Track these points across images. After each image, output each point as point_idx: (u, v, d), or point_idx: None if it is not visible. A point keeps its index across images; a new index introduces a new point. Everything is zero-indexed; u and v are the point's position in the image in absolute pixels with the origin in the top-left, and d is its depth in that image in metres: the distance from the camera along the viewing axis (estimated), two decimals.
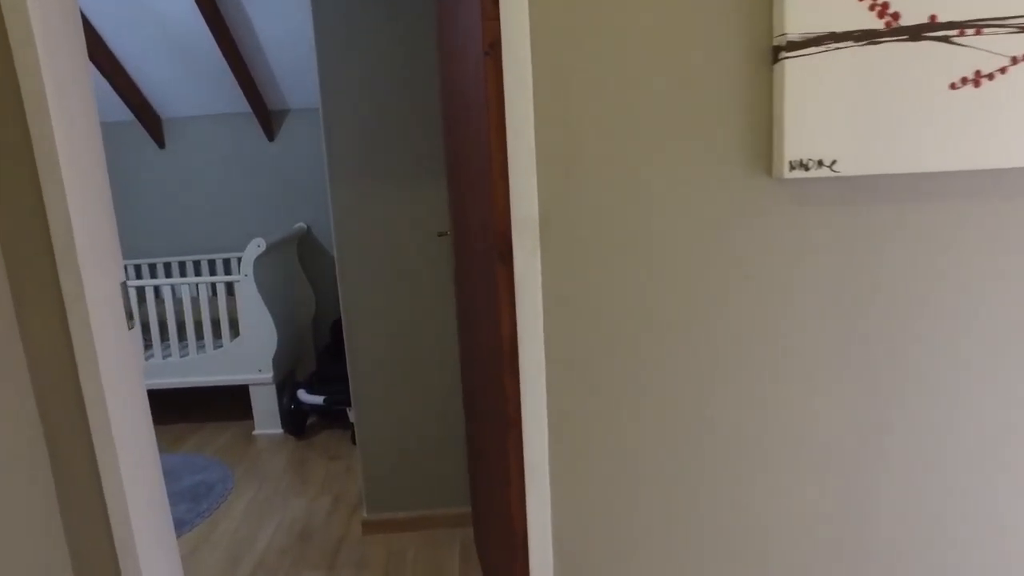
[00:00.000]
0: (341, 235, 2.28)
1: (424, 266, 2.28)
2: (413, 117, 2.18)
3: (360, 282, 2.30)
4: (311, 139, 3.82)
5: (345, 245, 2.29)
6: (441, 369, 2.33)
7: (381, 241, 2.28)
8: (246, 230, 3.94)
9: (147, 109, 3.70)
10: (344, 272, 2.30)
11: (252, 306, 3.20)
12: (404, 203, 2.25)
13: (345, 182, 2.23)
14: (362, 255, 2.29)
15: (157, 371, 3.30)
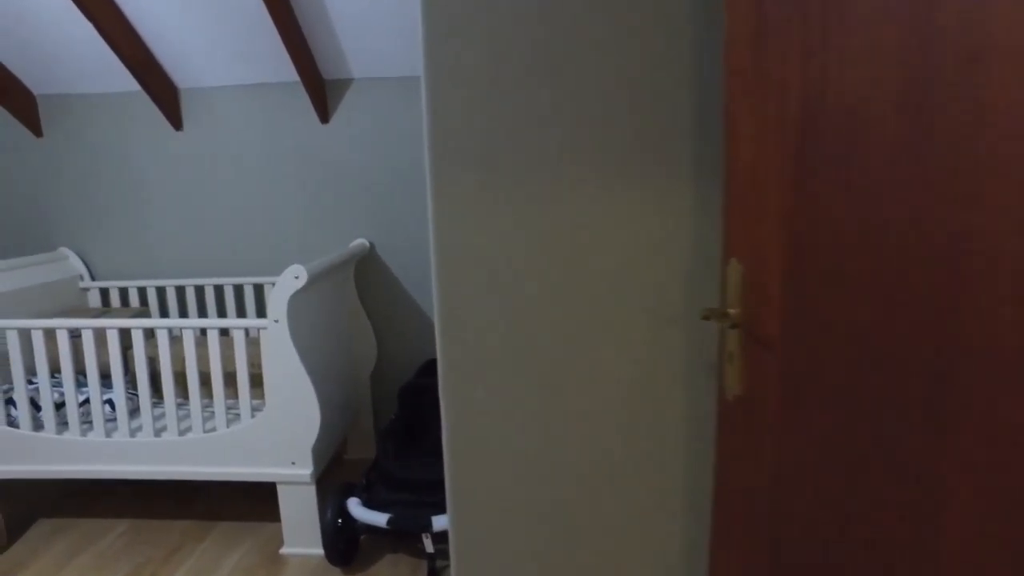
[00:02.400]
0: (446, 262, 1.12)
1: (600, 323, 1.11)
2: (589, 92, 1.02)
3: (478, 338, 1.14)
4: (382, 120, 2.70)
5: (453, 276, 1.13)
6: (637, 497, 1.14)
7: (515, 273, 1.12)
8: (283, 246, 2.85)
9: (158, 76, 2.65)
10: (450, 318, 1.15)
11: (284, 366, 2.08)
12: (562, 215, 1.08)
13: (457, 182, 1.06)
14: (483, 292, 1.13)
15: (141, 453, 2.22)
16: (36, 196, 2.94)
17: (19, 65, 2.69)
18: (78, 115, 2.83)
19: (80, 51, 2.59)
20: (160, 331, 2.15)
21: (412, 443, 2.46)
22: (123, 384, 2.21)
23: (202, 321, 2.12)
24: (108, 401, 2.35)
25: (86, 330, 2.18)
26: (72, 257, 2.91)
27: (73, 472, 2.27)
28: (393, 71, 2.64)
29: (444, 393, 1.16)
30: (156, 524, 2.48)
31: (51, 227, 2.96)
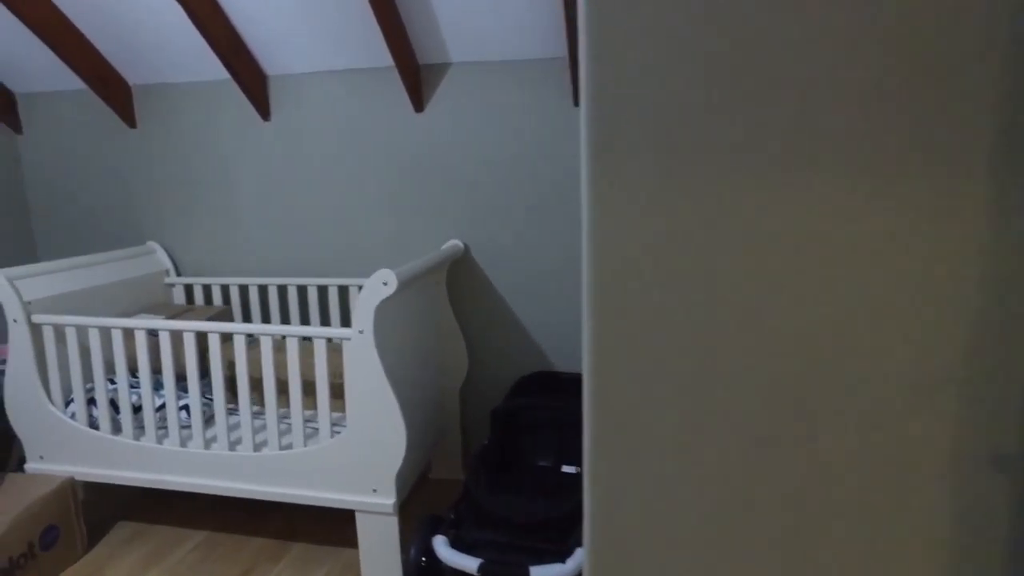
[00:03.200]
0: (604, 270, 0.82)
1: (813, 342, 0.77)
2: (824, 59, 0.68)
3: (648, 369, 0.84)
4: (482, 109, 2.44)
5: (617, 290, 0.83)
6: None
7: (705, 289, 0.80)
8: (370, 246, 2.64)
9: (247, 62, 2.49)
10: (607, 344, 0.85)
11: (367, 382, 1.85)
12: (780, 216, 0.75)
13: (626, 177, 0.76)
14: (660, 312, 0.82)
15: (215, 467, 2.05)
16: (128, 188, 2.87)
17: (116, 55, 2.61)
18: (169, 105, 2.73)
19: (172, 38, 2.47)
20: (237, 336, 1.97)
21: (506, 474, 2.18)
22: (199, 389, 2.05)
23: (282, 328, 1.92)
24: (184, 407, 2.20)
25: (163, 332, 2.03)
26: (159, 252, 2.82)
27: (148, 481, 2.14)
28: (495, 54, 2.37)
29: (594, 432, 0.86)
30: (230, 539, 2.32)
31: (141, 220, 2.88)
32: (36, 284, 2.23)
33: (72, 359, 2.15)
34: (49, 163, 2.94)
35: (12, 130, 2.93)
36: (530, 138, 2.42)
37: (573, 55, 2.16)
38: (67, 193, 2.95)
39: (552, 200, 2.44)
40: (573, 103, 2.36)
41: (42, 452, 2.25)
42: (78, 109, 2.84)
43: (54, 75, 2.74)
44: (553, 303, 2.53)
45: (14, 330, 2.15)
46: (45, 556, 2.12)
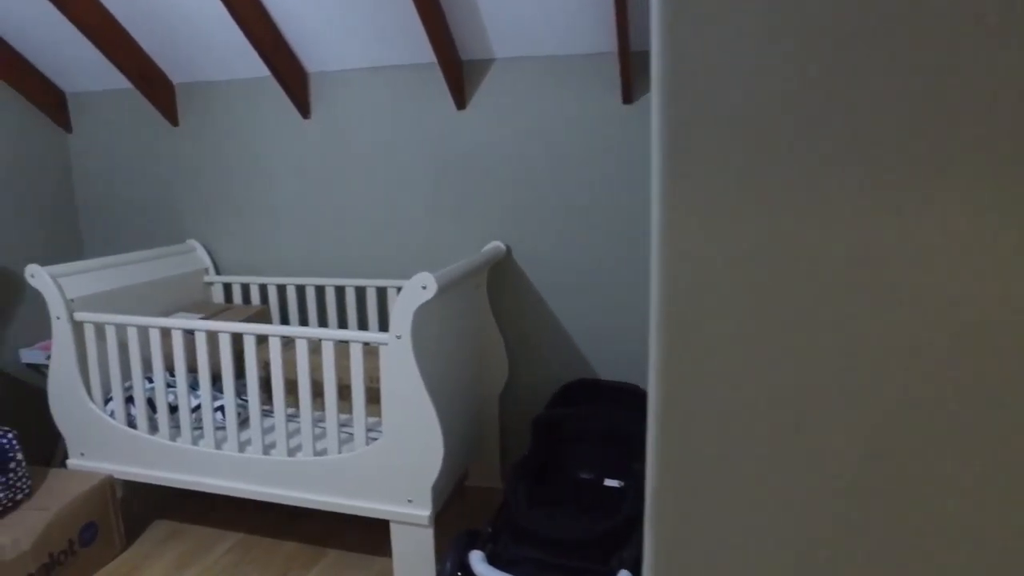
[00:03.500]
0: (678, 284, 0.71)
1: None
2: None
3: (723, 392, 0.73)
4: (526, 106, 2.35)
5: (688, 307, 0.72)
6: None
7: (794, 305, 0.69)
8: (410, 246, 2.58)
9: (287, 59, 2.46)
10: (675, 362, 0.75)
11: (405, 389, 1.78)
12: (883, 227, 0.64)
13: (714, 174, 0.65)
14: (742, 330, 0.71)
15: (249, 471, 2.01)
16: (170, 186, 2.87)
17: (161, 53, 2.61)
18: (210, 103, 2.72)
19: (214, 36, 2.45)
20: (273, 339, 1.92)
21: (547, 486, 2.09)
22: (233, 390, 2.02)
23: (318, 331, 1.87)
24: (219, 408, 2.17)
25: (199, 332, 2.00)
26: (199, 250, 2.82)
27: (183, 483, 2.12)
28: (540, 49, 2.28)
29: (661, 445, 0.77)
30: (264, 543, 2.29)
31: (182, 218, 2.88)
32: (79, 281, 2.23)
33: (111, 357, 2.15)
34: (96, 161, 2.97)
35: (63, 129, 2.96)
36: (576, 137, 2.32)
37: (623, 50, 2.05)
38: (112, 191, 2.97)
39: (599, 201, 2.34)
40: (622, 100, 2.25)
41: (83, 449, 2.25)
42: (124, 108, 2.85)
43: (102, 75, 2.76)
44: (598, 309, 2.42)
45: (57, 327, 2.15)
46: (84, 552, 2.12)
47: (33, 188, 2.86)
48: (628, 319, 2.40)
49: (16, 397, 2.79)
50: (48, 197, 2.93)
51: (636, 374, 2.45)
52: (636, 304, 2.38)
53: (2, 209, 2.73)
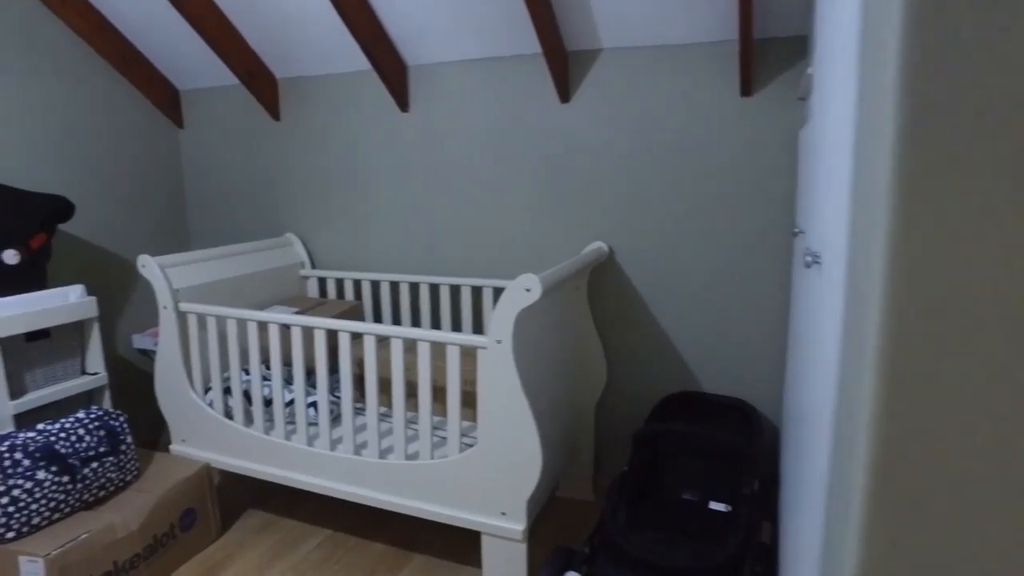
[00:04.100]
0: (913, 305, 0.57)
1: None
2: None
3: None
4: (634, 98, 2.21)
5: (927, 334, 0.57)
6: None
7: None
8: (509, 245, 2.49)
9: (388, 52, 2.42)
10: (903, 397, 0.61)
11: (503, 396, 1.69)
12: None
13: (975, 173, 0.51)
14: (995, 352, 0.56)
15: (339, 470, 1.98)
16: (270, 180, 2.91)
17: (265, 49, 2.64)
18: (311, 98, 2.73)
19: (316, 30, 2.45)
20: (368, 337, 1.88)
21: (647, 506, 1.95)
22: (327, 386, 1.99)
23: (414, 331, 1.80)
24: (312, 404, 2.16)
25: (295, 327, 1.99)
26: (296, 244, 2.84)
27: (274, 476, 2.12)
28: (651, 39, 2.13)
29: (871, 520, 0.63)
30: (351, 541, 2.27)
31: (281, 212, 2.92)
32: (184, 272, 2.27)
33: (212, 348, 2.17)
34: (203, 155, 3.06)
35: (175, 125, 3.07)
36: (688, 132, 2.16)
37: (745, 38, 1.88)
38: (216, 184, 3.05)
39: (713, 202, 2.17)
40: (740, 92, 2.07)
41: (184, 436, 2.30)
42: (230, 104, 2.92)
43: (211, 72, 2.83)
44: (705, 317, 2.25)
45: (164, 316, 2.20)
46: (184, 537, 2.16)
47: (147, 181, 2.97)
48: (738, 330, 2.22)
49: (127, 381, 2.91)
50: (160, 190, 3.04)
51: (743, 389, 2.26)
52: (749, 314, 2.19)
53: (119, 200, 2.85)
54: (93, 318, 2.31)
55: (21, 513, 1.81)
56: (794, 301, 1.86)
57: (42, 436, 1.90)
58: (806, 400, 1.21)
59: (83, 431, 1.99)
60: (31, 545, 1.79)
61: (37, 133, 2.52)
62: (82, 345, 2.35)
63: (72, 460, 1.92)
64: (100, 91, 2.73)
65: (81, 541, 1.83)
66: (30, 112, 2.49)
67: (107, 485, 2.03)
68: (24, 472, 1.81)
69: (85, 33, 2.61)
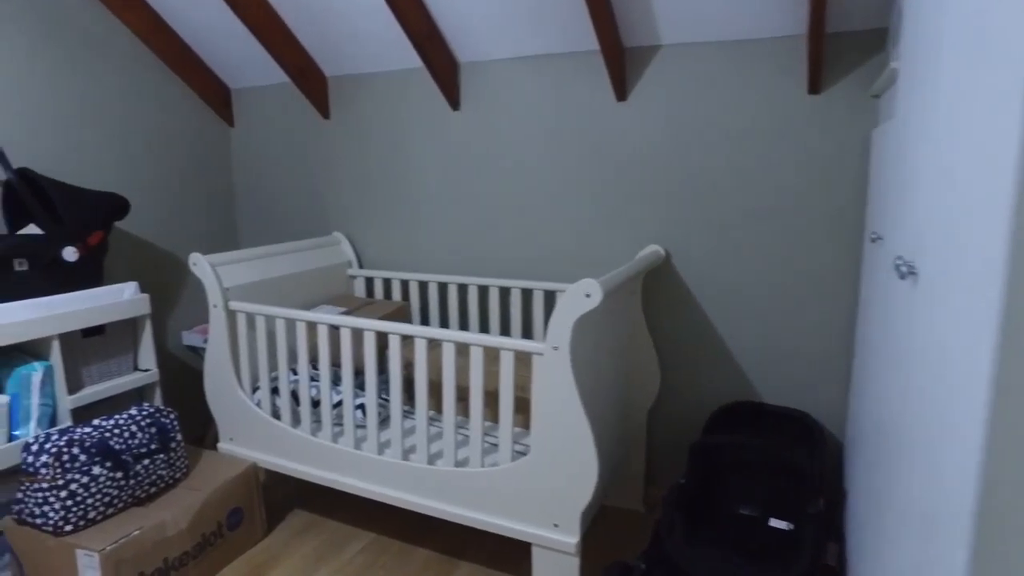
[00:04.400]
0: None
1: None
2: None
3: None
4: (693, 97, 2.13)
5: None
6: None
7: None
8: (562, 247, 2.43)
9: (440, 49, 2.39)
10: None
11: (558, 404, 1.63)
12: None
13: None
14: None
15: (387, 475, 1.95)
16: (318, 178, 2.91)
17: (316, 46, 2.63)
18: (361, 96, 2.71)
19: (366, 27, 2.43)
20: (419, 340, 1.84)
21: (704, 521, 1.87)
22: (376, 388, 1.96)
23: (466, 335, 1.76)
24: (360, 406, 2.13)
25: (344, 328, 1.96)
26: (344, 243, 2.83)
27: (321, 479, 2.10)
28: (713, 34, 2.05)
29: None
30: (396, 546, 2.24)
31: (328, 210, 2.91)
32: (234, 271, 2.27)
33: (260, 347, 2.17)
34: (253, 154, 3.07)
35: (226, 123, 3.09)
36: (751, 131, 2.07)
37: (816, 32, 1.78)
38: (265, 182, 3.06)
39: (776, 205, 2.08)
40: (808, 89, 1.98)
41: (232, 434, 2.30)
42: (280, 102, 2.92)
43: (262, 70, 2.84)
44: (765, 324, 2.16)
45: (214, 315, 2.20)
46: (231, 536, 2.16)
47: (198, 179, 3.00)
48: (800, 338, 2.12)
49: (174, 377, 2.93)
50: (210, 188, 3.06)
51: (804, 400, 2.16)
52: (813, 322, 2.09)
53: (171, 198, 2.88)
54: (146, 315, 2.33)
55: (78, 507, 1.82)
56: (867, 309, 1.76)
57: (97, 432, 1.91)
58: (896, 416, 1.12)
59: (135, 428, 2.00)
60: (87, 539, 1.81)
61: (95, 131, 2.56)
62: (135, 341, 2.37)
63: (125, 456, 1.93)
64: (155, 90, 2.76)
65: (133, 538, 1.83)
66: (89, 111, 2.52)
67: (158, 482, 2.04)
68: (81, 467, 1.83)
69: (143, 33, 2.64)
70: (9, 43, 2.27)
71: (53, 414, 2.06)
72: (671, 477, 2.41)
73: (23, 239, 2.02)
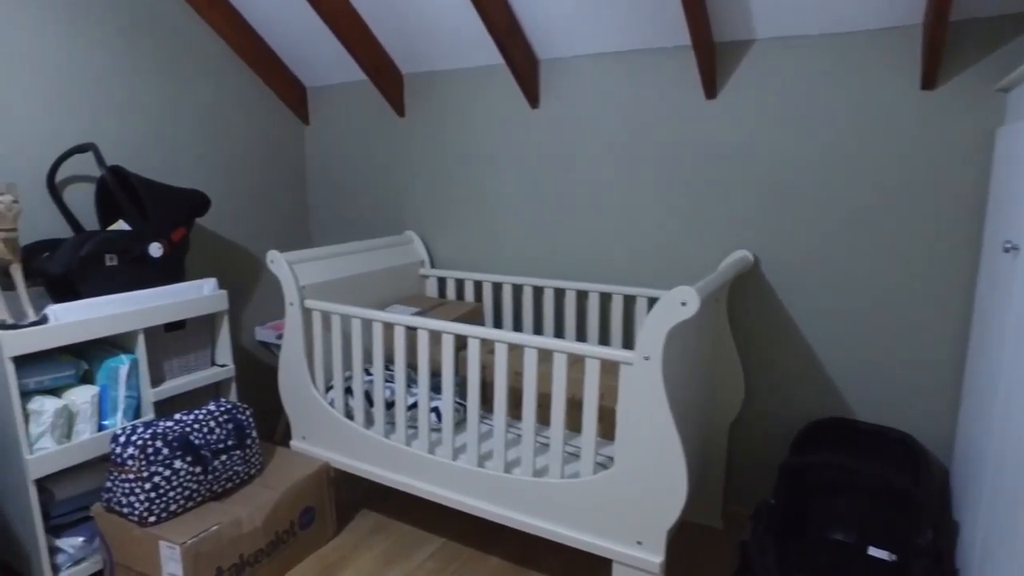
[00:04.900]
0: None
1: None
2: None
3: None
4: (790, 94, 2.01)
5: None
6: None
7: None
8: (642, 251, 2.34)
9: (520, 45, 2.33)
10: None
11: (646, 416, 1.55)
12: None
13: None
14: None
15: (461, 481, 1.90)
16: (392, 176, 2.90)
17: (393, 44, 2.62)
18: (437, 93, 2.68)
19: (446, 24, 2.39)
20: (500, 344, 1.78)
21: (796, 546, 1.76)
22: (452, 391, 1.92)
23: (550, 341, 1.69)
24: (434, 409, 2.09)
25: (422, 330, 1.92)
26: (416, 242, 2.81)
27: (393, 482, 2.07)
28: (814, 26, 1.92)
29: None
30: (467, 553, 2.19)
31: (401, 209, 2.89)
32: (309, 269, 2.27)
33: (335, 347, 2.15)
34: (327, 152, 3.08)
35: (302, 121, 3.12)
36: (854, 130, 1.93)
37: (937, 20, 1.64)
38: (339, 180, 3.07)
39: (880, 209, 1.93)
40: (920, 85, 1.83)
41: (305, 433, 2.30)
42: (355, 100, 2.92)
43: (338, 68, 2.84)
44: (863, 337, 2.02)
45: (290, 313, 2.20)
46: (302, 535, 2.16)
47: (274, 177, 3.03)
48: (902, 354, 1.97)
49: (246, 372, 2.98)
50: (285, 186, 3.09)
51: (905, 420, 2.01)
52: (917, 337, 1.94)
53: (248, 195, 2.92)
54: (224, 311, 2.36)
55: (161, 499, 1.85)
56: (990, 324, 1.61)
57: (179, 426, 1.93)
58: None
59: (213, 423, 2.01)
60: (169, 531, 1.83)
61: (178, 128, 2.61)
62: (212, 337, 2.40)
63: (204, 451, 1.95)
64: (236, 89, 2.80)
65: (212, 532, 1.85)
66: (173, 109, 2.58)
67: (233, 478, 2.05)
68: (163, 460, 1.85)
69: (226, 34, 2.68)
70: (101, 44, 2.33)
71: (137, 406, 2.10)
72: (750, 494, 2.28)
73: (114, 235, 2.06)
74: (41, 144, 2.20)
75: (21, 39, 2.12)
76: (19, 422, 1.80)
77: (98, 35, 2.31)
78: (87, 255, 1.98)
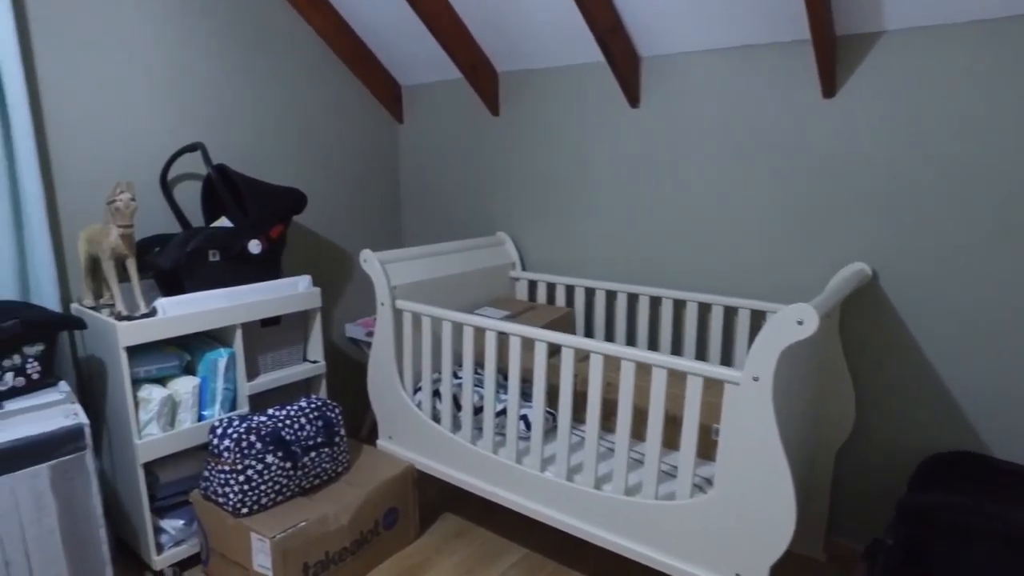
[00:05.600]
0: None
1: None
2: None
3: None
4: (924, 92, 1.82)
5: None
6: None
7: None
8: (746, 260, 2.19)
9: (622, 42, 2.23)
10: None
11: (753, 440, 1.43)
12: None
13: None
14: None
15: (548, 494, 1.83)
16: (484, 176, 2.87)
17: (489, 42, 2.58)
18: (532, 92, 2.63)
19: (543, 21, 2.33)
20: (595, 356, 1.70)
21: None
22: (543, 400, 1.85)
23: (650, 355, 1.60)
24: (523, 417, 2.04)
25: (514, 337, 1.87)
26: (508, 243, 2.76)
27: (478, 489, 2.03)
28: (958, 14, 1.73)
29: None
30: (549, 566, 2.13)
31: (493, 209, 2.86)
32: (400, 269, 2.27)
33: (424, 348, 2.14)
34: (420, 151, 3.09)
35: (396, 120, 3.14)
36: (996, 132, 1.73)
37: None
38: (431, 179, 3.07)
39: None
40: None
41: (391, 433, 2.30)
42: (450, 99, 2.91)
43: (433, 67, 2.84)
44: (999, 362, 1.80)
45: (381, 312, 2.21)
46: (386, 535, 2.16)
47: (368, 176, 3.07)
48: None
49: (336, 368, 3.03)
50: (378, 184, 3.13)
51: None
52: None
53: (342, 194, 2.97)
54: (317, 308, 2.40)
55: (253, 492, 1.89)
56: None
57: (272, 421, 1.97)
58: None
59: (304, 420, 2.04)
60: (259, 524, 1.86)
61: (279, 127, 2.68)
62: (305, 333, 2.44)
63: (295, 447, 1.97)
64: (333, 88, 2.85)
65: (300, 528, 1.87)
66: (275, 109, 2.64)
67: (321, 475, 2.08)
68: (256, 454, 1.88)
69: (325, 33, 2.73)
70: (205, 44, 2.41)
71: (234, 398, 2.16)
72: (856, 527, 2.10)
73: (217, 231, 2.13)
74: (158, 144, 2.31)
75: (143, 47, 2.23)
76: (131, 409, 1.88)
77: (208, 38, 2.40)
78: (193, 251, 2.05)
